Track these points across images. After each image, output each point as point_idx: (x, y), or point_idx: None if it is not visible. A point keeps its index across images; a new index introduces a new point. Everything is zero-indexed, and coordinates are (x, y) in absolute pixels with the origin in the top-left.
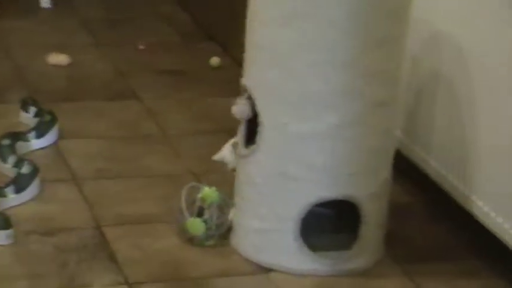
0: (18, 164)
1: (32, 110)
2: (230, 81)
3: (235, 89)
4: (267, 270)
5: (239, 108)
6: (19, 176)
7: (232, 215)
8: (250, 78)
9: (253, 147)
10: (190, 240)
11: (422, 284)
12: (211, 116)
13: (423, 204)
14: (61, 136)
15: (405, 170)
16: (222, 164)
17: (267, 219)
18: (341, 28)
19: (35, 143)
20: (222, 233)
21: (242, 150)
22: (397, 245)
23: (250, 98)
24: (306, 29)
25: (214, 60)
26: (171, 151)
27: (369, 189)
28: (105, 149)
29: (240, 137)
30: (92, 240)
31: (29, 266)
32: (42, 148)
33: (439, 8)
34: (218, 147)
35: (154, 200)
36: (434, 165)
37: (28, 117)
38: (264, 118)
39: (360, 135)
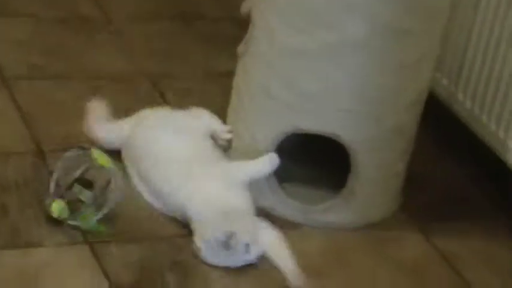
0: None
1: None
2: None
3: None
4: None
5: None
6: None
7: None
8: None
9: (245, 46)
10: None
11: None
12: None
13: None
14: None
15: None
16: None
17: (247, 141)
18: None
19: None
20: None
21: (241, 46)
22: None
23: None
24: None
25: None
26: (119, 42)
27: (364, 134)
28: (37, 35)
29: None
30: (34, 173)
31: None
32: None
33: None
34: (176, 39)
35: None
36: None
37: None
38: (254, 18)
39: (364, 61)
